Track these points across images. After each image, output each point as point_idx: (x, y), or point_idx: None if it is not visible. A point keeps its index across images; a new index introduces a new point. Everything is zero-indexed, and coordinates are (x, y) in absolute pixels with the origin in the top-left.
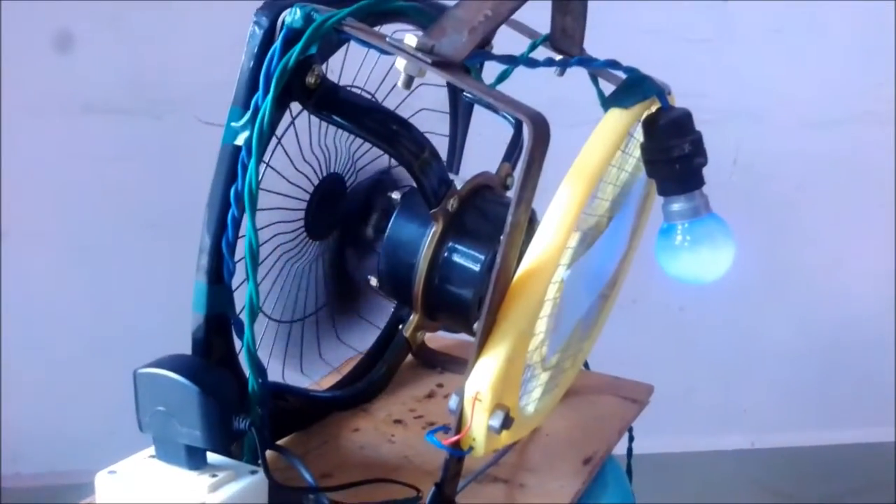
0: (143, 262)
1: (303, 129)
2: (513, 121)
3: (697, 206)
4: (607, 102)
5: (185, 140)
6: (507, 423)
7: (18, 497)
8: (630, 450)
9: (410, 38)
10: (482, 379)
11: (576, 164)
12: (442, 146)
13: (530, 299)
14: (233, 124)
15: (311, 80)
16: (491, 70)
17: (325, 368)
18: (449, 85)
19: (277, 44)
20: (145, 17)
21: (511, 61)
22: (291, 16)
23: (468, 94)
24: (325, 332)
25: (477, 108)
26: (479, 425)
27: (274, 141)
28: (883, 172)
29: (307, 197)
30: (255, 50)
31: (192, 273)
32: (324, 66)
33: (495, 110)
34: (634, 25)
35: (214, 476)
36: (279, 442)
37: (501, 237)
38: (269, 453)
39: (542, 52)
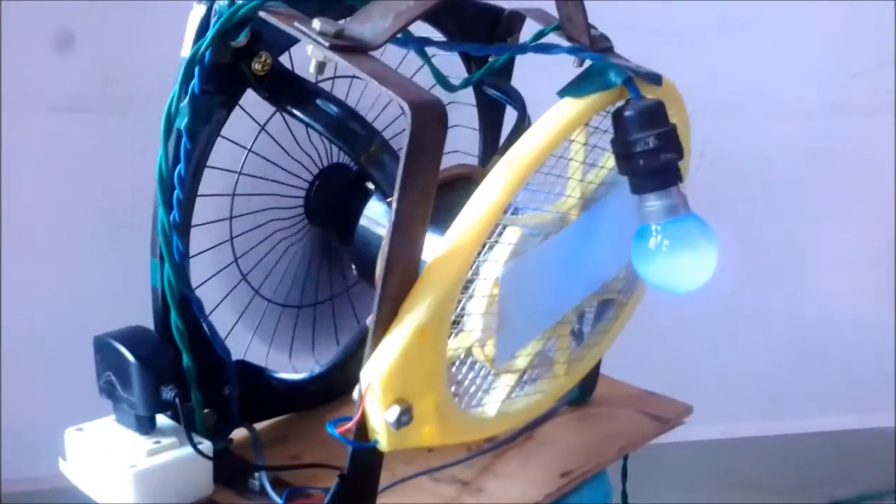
0: (112, 259)
1: None
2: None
3: (674, 205)
4: (562, 91)
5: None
6: (404, 419)
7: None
8: (624, 468)
9: (316, 22)
10: (374, 371)
11: (506, 155)
12: None
13: (431, 293)
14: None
15: (257, 66)
16: None
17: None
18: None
19: (211, 31)
20: (111, 12)
21: (449, 48)
22: (219, 1)
23: (490, 92)
24: (342, 318)
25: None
26: (375, 418)
27: (258, 129)
28: (855, 164)
29: (305, 185)
30: (194, 35)
31: None
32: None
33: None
34: (605, 18)
35: (158, 443)
36: (268, 422)
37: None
38: (242, 430)
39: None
